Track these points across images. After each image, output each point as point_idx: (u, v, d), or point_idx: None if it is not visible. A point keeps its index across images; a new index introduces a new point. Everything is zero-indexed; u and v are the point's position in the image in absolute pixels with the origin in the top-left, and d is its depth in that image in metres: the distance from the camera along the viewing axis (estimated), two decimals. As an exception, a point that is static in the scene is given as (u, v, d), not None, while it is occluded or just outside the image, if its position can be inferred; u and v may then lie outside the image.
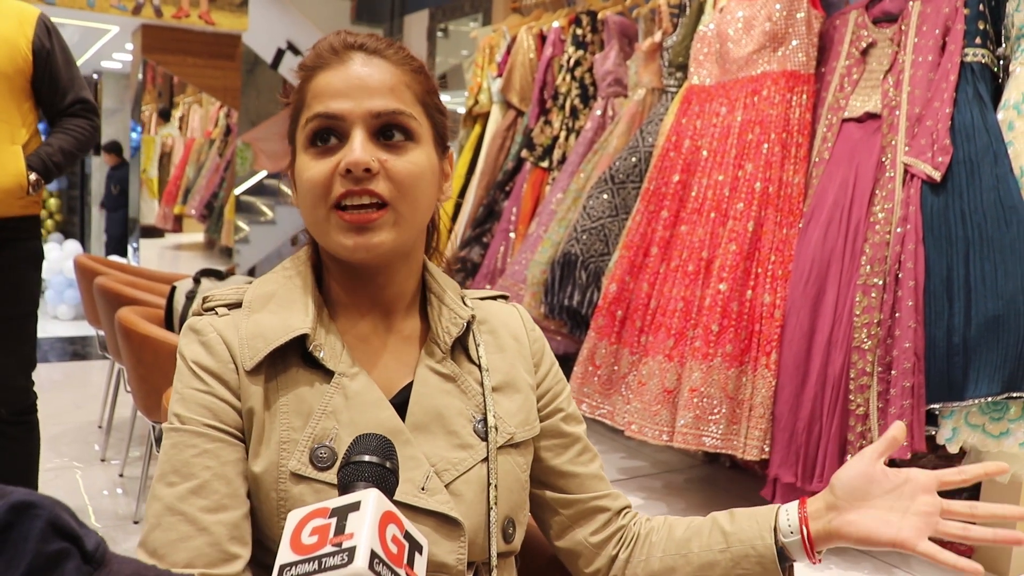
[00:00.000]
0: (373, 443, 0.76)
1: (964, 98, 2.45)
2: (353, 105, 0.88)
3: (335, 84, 0.89)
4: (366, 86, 0.89)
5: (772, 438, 2.55)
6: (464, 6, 6.39)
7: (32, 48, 2.35)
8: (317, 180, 0.88)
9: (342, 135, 0.89)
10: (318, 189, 0.88)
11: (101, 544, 0.57)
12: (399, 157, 0.89)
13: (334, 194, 0.88)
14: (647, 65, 3.48)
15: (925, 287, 2.36)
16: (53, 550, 0.52)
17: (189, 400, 0.89)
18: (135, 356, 2.49)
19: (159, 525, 0.84)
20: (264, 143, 7.87)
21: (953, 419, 2.31)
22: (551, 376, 1.07)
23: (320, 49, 0.93)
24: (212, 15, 6.38)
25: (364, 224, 0.87)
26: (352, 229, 0.88)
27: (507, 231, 3.96)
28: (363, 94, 0.89)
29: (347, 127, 0.89)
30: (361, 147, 0.87)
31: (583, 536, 1.04)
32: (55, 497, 0.56)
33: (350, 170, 0.86)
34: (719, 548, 0.99)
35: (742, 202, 2.78)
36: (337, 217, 0.88)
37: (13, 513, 0.52)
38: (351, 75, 0.90)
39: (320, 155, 0.89)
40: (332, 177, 0.88)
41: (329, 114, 0.89)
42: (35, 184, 2.34)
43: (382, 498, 0.70)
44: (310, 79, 0.92)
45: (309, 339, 0.90)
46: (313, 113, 0.89)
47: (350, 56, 0.91)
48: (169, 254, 7.92)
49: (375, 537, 0.67)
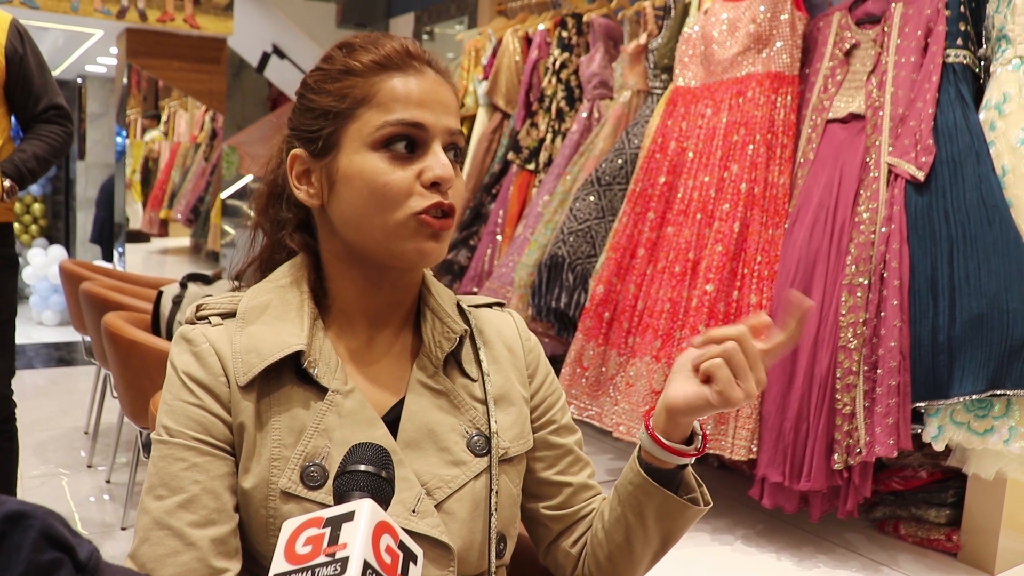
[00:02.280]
0: (369, 452, 0.76)
1: (946, 99, 2.47)
2: (435, 119, 0.89)
3: (417, 93, 0.89)
4: (443, 102, 0.90)
5: (760, 438, 2.56)
6: (450, 9, 6.39)
7: (5, 54, 2.34)
8: (400, 186, 0.88)
9: (418, 145, 0.89)
10: (399, 195, 0.88)
11: (94, 554, 0.57)
12: (457, 176, 0.91)
13: (418, 202, 0.88)
14: (632, 67, 3.49)
15: (910, 286, 2.38)
16: (46, 560, 0.52)
17: (179, 413, 0.88)
18: (122, 361, 2.47)
19: (148, 539, 0.83)
20: (250, 147, 7.84)
21: (938, 417, 2.33)
22: (545, 387, 1.05)
23: (388, 50, 0.90)
24: (197, 19, 6.35)
25: (441, 232, 0.89)
26: (431, 236, 0.89)
27: (494, 234, 3.96)
28: (441, 110, 0.90)
29: (428, 139, 0.89)
30: (448, 163, 0.89)
31: (566, 546, 1.04)
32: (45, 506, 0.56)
33: (438, 183, 0.88)
34: (615, 502, 0.99)
35: (728, 203, 2.80)
36: (422, 222, 0.88)
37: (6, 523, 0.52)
38: (430, 88, 0.90)
39: (398, 161, 0.88)
40: (413, 185, 0.88)
41: (415, 122, 0.88)
42: (9, 191, 2.32)
43: (376, 508, 0.70)
44: (380, 78, 0.89)
45: (304, 355, 0.89)
46: (397, 118, 0.88)
47: (425, 68, 0.91)
48: (155, 259, 7.88)
49: (368, 547, 0.67)
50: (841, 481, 2.45)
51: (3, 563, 0.50)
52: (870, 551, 2.61)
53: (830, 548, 2.62)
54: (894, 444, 2.32)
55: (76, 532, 0.57)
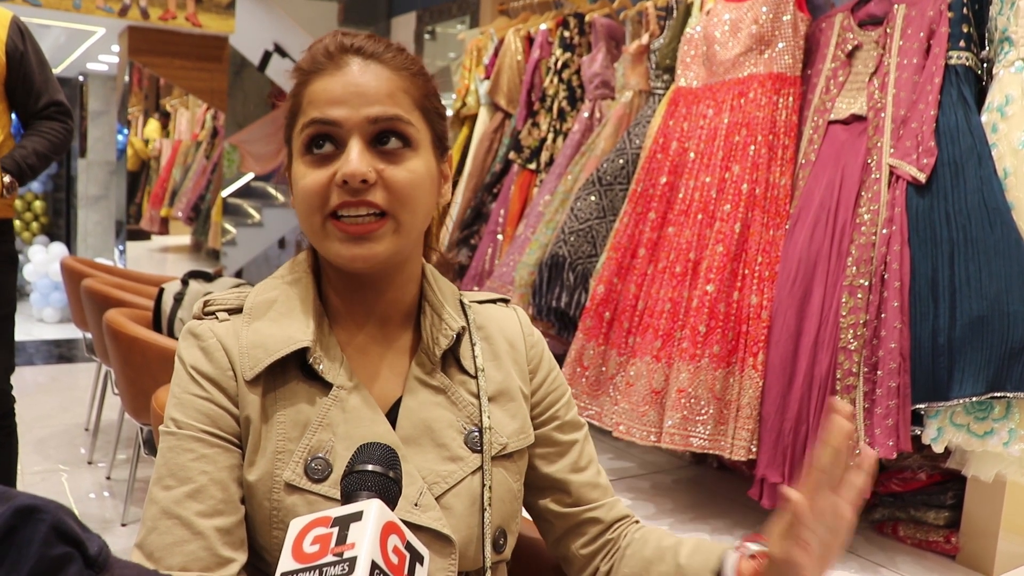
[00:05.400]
0: (377, 452, 0.76)
1: (948, 100, 2.47)
2: (350, 112, 0.87)
3: (331, 90, 0.88)
4: (363, 92, 0.87)
5: (759, 438, 2.56)
6: (452, 8, 6.39)
7: (5, 50, 2.34)
8: (313, 189, 0.87)
9: (339, 142, 0.88)
10: (314, 198, 0.87)
11: (104, 549, 0.58)
12: (397, 166, 0.88)
13: (331, 204, 0.87)
14: (634, 67, 3.49)
15: (910, 288, 2.38)
16: (56, 554, 0.53)
17: (187, 405, 0.89)
18: (123, 358, 2.47)
19: (155, 528, 0.84)
20: (251, 145, 7.84)
21: (938, 419, 2.33)
22: (548, 382, 1.05)
23: (316, 52, 0.91)
24: (199, 17, 6.35)
25: (363, 235, 0.86)
26: (350, 239, 0.87)
27: (495, 233, 3.96)
28: (360, 100, 0.87)
29: (344, 134, 0.87)
30: (358, 157, 0.85)
31: (576, 547, 1.04)
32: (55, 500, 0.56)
33: (347, 181, 0.85)
34: None
35: (729, 204, 2.80)
36: (333, 227, 0.87)
37: (17, 517, 0.52)
38: (348, 81, 0.88)
39: (316, 163, 0.88)
40: (329, 186, 0.86)
41: (325, 120, 0.87)
42: (9, 187, 2.33)
43: (384, 508, 0.70)
44: (306, 83, 0.90)
45: (309, 352, 0.90)
46: (309, 119, 0.88)
47: (347, 60, 0.89)
48: (156, 257, 7.88)
49: (376, 547, 0.67)
50: (841, 482, 2.44)
51: (14, 557, 0.51)
52: (869, 552, 2.61)
53: (829, 549, 2.62)
54: (893, 446, 2.32)
55: (86, 527, 0.57)
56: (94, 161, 8.14)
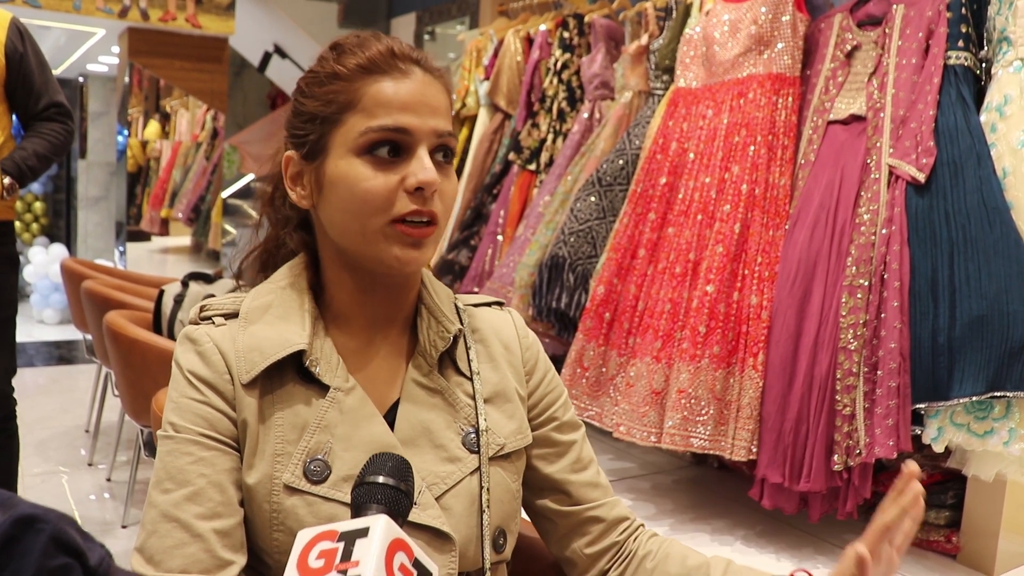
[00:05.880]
0: (389, 464, 0.76)
1: (947, 100, 2.47)
2: (420, 122, 0.88)
3: (402, 96, 0.88)
4: (430, 104, 0.89)
5: (759, 439, 2.56)
6: (451, 9, 6.39)
7: (5, 52, 2.34)
8: (380, 192, 0.87)
9: (403, 149, 0.89)
10: (381, 201, 0.87)
11: (104, 559, 0.57)
12: (447, 178, 0.91)
13: (398, 208, 0.87)
14: (634, 68, 3.49)
15: (910, 288, 2.38)
16: (55, 565, 0.52)
17: (184, 409, 0.89)
18: (123, 360, 2.48)
19: (155, 532, 0.84)
20: (251, 146, 7.84)
21: (938, 419, 2.33)
22: (544, 384, 1.06)
23: (373, 53, 0.90)
24: (199, 18, 6.35)
25: (421, 239, 0.89)
26: (410, 244, 0.88)
27: (495, 234, 3.96)
28: (427, 112, 0.89)
29: (412, 143, 0.88)
30: (432, 167, 0.88)
31: (578, 547, 1.04)
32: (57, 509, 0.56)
33: (421, 188, 0.87)
34: None
35: (729, 204, 2.80)
36: (398, 231, 0.88)
37: (17, 527, 0.51)
38: (416, 90, 0.89)
39: (381, 166, 0.88)
40: (396, 191, 0.88)
41: (399, 127, 0.88)
42: (10, 188, 2.33)
43: (391, 524, 0.69)
44: (365, 82, 0.89)
45: (306, 354, 0.91)
46: (379, 124, 0.88)
47: (412, 69, 0.90)
48: (156, 258, 7.88)
49: (381, 567, 0.66)
50: (841, 482, 2.45)
51: (13, 567, 0.50)
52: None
53: (830, 549, 2.62)
54: (894, 445, 2.32)
55: (88, 536, 0.57)
56: (94, 162, 8.15)
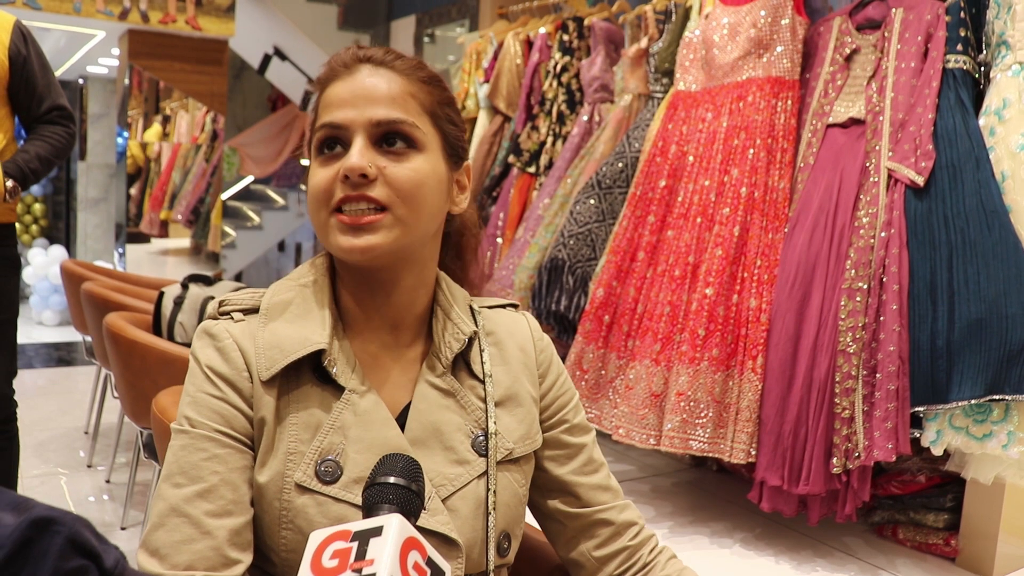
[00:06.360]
0: (399, 464, 0.76)
1: (946, 104, 2.48)
2: (356, 114, 0.91)
3: (341, 95, 0.92)
4: (370, 96, 0.92)
5: (759, 441, 2.57)
6: (451, 12, 6.40)
7: (8, 54, 2.34)
8: (320, 185, 0.91)
9: (346, 143, 0.92)
10: (321, 194, 0.91)
11: (120, 561, 0.58)
12: (399, 164, 0.91)
13: (335, 199, 0.90)
14: (633, 71, 3.50)
15: (909, 291, 2.38)
16: (72, 567, 0.52)
17: (201, 404, 0.89)
18: (123, 361, 2.47)
19: (163, 525, 0.84)
20: (250, 148, 7.85)
21: (937, 422, 2.33)
22: (557, 386, 1.07)
23: (332, 63, 0.96)
24: (199, 20, 6.36)
25: (360, 225, 0.89)
26: (348, 230, 0.89)
27: (494, 236, 3.97)
28: (366, 103, 0.91)
29: (349, 135, 0.91)
30: (359, 153, 0.89)
31: (587, 549, 1.05)
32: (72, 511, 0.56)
33: (347, 176, 0.89)
34: None
35: (728, 207, 2.80)
36: (335, 219, 0.90)
37: (33, 529, 0.51)
38: (356, 86, 0.92)
39: (325, 162, 0.92)
40: (334, 183, 0.90)
41: (333, 123, 0.91)
42: (12, 191, 2.33)
43: (405, 524, 0.70)
44: (322, 92, 0.95)
45: (325, 354, 0.91)
46: (321, 123, 0.93)
47: (358, 68, 0.94)
48: (156, 259, 7.88)
49: (396, 565, 0.66)
50: (840, 485, 2.45)
51: (30, 570, 0.50)
52: (868, 555, 2.61)
53: (828, 552, 2.62)
54: (893, 448, 2.32)
55: (103, 538, 0.57)
56: (94, 164, 8.15)
